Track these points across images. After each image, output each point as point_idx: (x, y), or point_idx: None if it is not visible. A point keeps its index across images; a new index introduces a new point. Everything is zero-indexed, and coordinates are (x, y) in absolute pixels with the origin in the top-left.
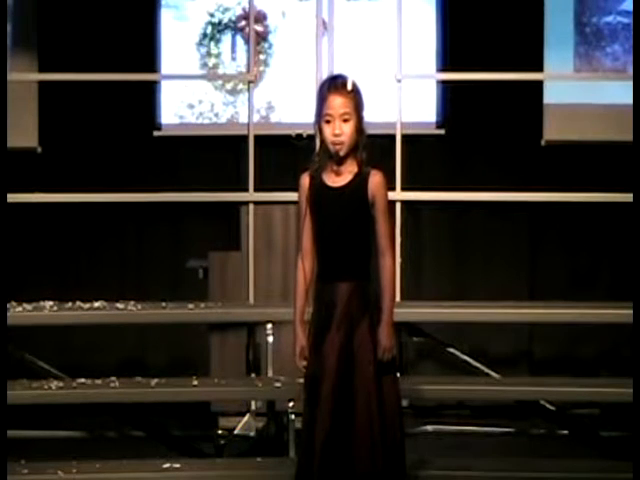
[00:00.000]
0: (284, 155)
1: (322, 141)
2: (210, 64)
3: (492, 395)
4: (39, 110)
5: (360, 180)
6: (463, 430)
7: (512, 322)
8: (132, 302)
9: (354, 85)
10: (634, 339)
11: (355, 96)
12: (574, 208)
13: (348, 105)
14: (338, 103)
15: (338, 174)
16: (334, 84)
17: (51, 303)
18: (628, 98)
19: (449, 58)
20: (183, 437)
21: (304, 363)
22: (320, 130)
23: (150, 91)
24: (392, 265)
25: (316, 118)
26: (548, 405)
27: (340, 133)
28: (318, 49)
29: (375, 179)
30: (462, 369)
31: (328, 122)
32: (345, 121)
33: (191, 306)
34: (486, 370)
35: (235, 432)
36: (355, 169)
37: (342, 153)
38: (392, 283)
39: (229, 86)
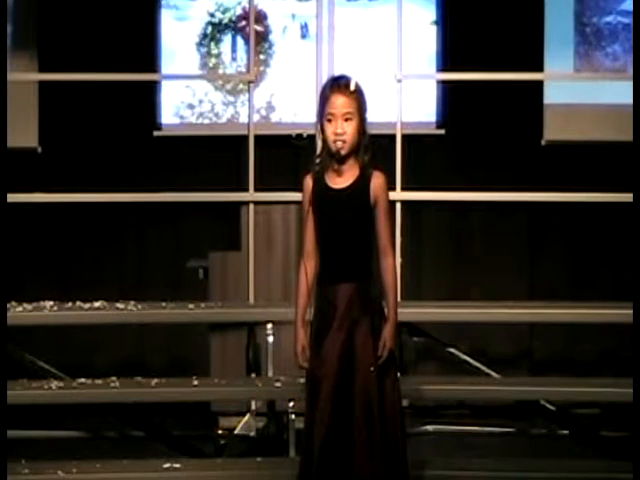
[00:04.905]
0: (284, 155)
1: (324, 141)
2: (210, 64)
3: (492, 395)
4: (39, 110)
5: (362, 181)
6: (463, 430)
7: (512, 322)
8: (132, 302)
9: (357, 86)
10: (634, 339)
11: (358, 97)
12: (574, 208)
13: (350, 105)
14: (340, 102)
15: (340, 175)
16: (337, 84)
17: (51, 303)
18: (628, 98)
19: (449, 58)
20: (183, 437)
21: (305, 363)
22: (322, 130)
23: (150, 91)
24: (394, 265)
25: (318, 118)
26: (548, 405)
27: (342, 132)
28: (318, 49)
29: (377, 181)
30: (462, 369)
31: (330, 121)
32: (347, 120)
33: (191, 306)
34: (486, 370)
35: (235, 432)
36: (357, 170)
37: (343, 152)
38: (396, 283)
39: (229, 86)
